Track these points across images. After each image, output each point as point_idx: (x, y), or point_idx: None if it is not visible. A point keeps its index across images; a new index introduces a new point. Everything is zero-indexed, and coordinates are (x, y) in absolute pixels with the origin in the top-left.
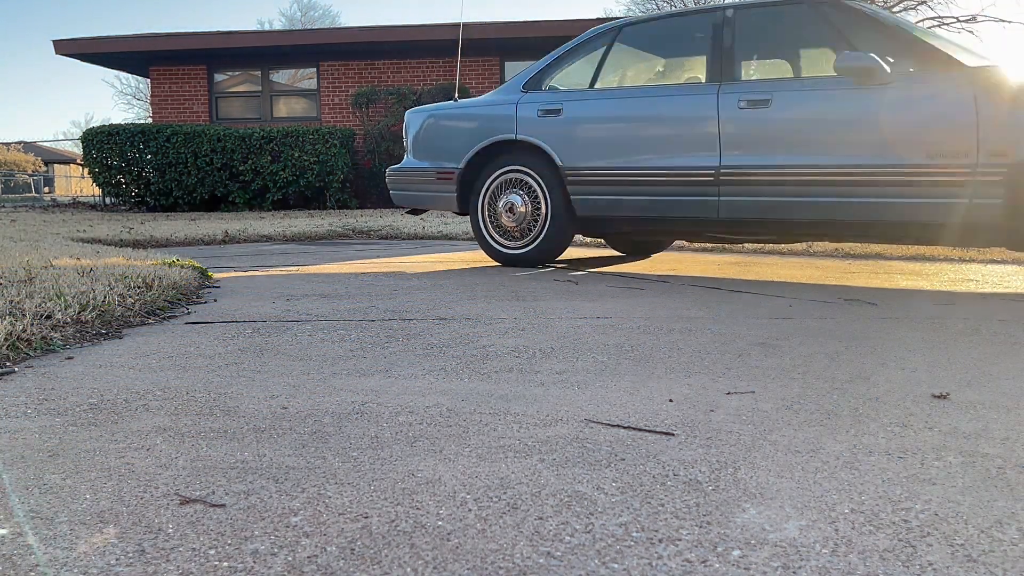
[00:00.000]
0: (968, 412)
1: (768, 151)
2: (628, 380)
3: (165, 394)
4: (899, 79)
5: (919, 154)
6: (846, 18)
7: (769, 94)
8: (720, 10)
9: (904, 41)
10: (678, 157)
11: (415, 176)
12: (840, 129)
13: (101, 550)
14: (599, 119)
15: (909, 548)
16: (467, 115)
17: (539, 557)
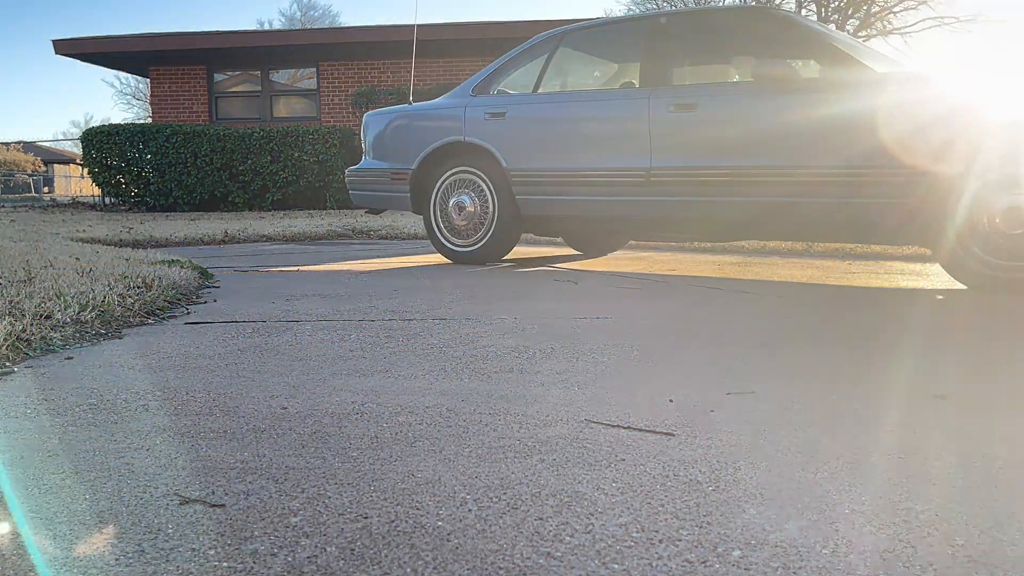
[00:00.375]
0: (968, 412)
1: (694, 153)
2: (628, 380)
3: (165, 394)
4: (815, 85)
5: (831, 156)
6: (771, 26)
7: (695, 99)
8: (655, 17)
9: (822, 49)
10: (613, 159)
11: (371, 177)
12: (760, 132)
13: (101, 550)
14: (541, 122)
15: (909, 548)
16: (419, 118)
17: (539, 557)
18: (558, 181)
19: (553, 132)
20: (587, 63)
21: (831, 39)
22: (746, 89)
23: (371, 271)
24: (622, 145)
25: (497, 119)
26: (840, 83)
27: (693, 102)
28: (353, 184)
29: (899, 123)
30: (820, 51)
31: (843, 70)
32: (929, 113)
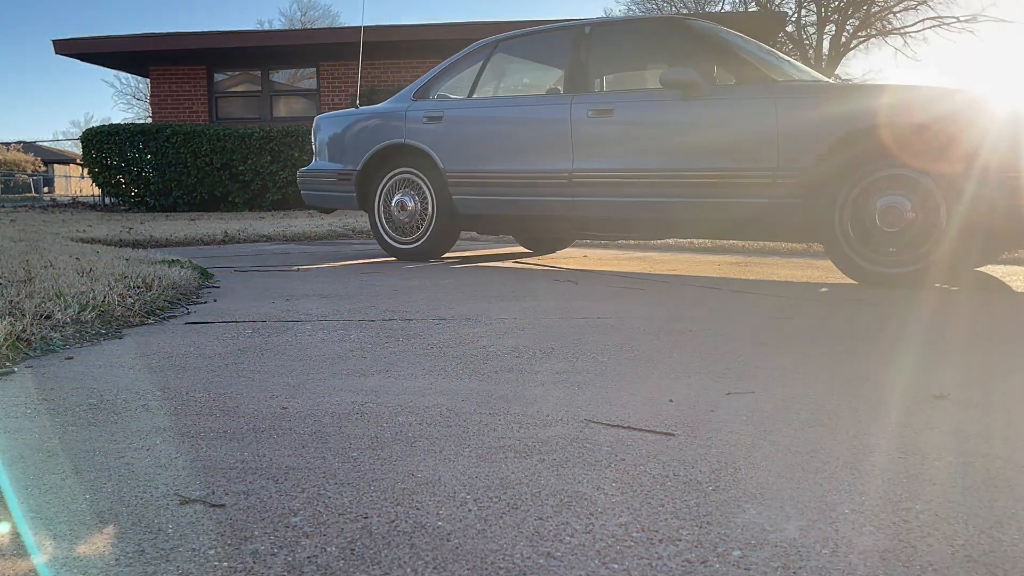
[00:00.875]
0: (968, 412)
1: (611, 156)
2: (628, 380)
3: (165, 394)
4: (718, 92)
5: (731, 159)
6: (685, 37)
7: (612, 105)
8: (579, 27)
9: (729, 57)
10: (540, 161)
11: (320, 177)
12: (670, 136)
13: (101, 550)
14: (474, 126)
15: (909, 548)
16: (364, 121)
17: (539, 557)
18: (490, 182)
19: (485, 135)
20: (520, 70)
21: (737, 49)
22: (657, 96)
23: (371, 271)
24: (547, 148)
25: (435, 122)
26: (739, 91)
27: (610, 108)
28: (304, 184)
29: (789, 128)
30: (726, 60)
31: (745, 78)
32: (814, 119)
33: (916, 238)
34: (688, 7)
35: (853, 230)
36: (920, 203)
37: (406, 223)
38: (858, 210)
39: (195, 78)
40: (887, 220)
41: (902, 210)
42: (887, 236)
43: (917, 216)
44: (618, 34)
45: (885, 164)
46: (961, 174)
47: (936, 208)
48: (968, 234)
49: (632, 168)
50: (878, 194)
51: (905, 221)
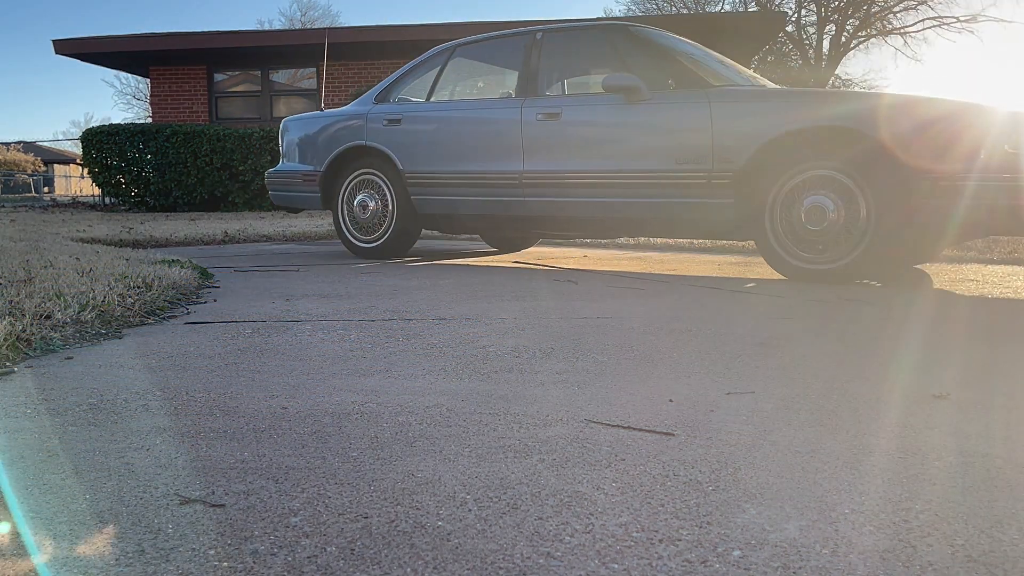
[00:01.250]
0: (968, 412)
1: (558, 158)
2: (628, 380)
3: (165, 394)
4: (657, 96)
5: (671, 160)
6: (628, 42)
7: (559, 108)
8: (531, 33)
9: (668, 63)
10: (493, 163)
11: (286, 178)
12: (613, 139)
13: (101, 550)
14: (431, 128)
15: (909, 548)
16: (328, 124)
17: (539, 557)
18: (447, 183)
19: (441, 137)
20: (476, 74)
21: (677, 54)
22: (600, 100)
23: (371, 271)
24: (500, 150)
25: (394, 125)
26: (677, 95)
27: (557, 111)
28: (271, 185)
29: (723, 131)
30: (666, 65)
31: (683, 83)
32: (746, 123)
33: (839, 236)
34: (688, 7)
35: (782, 228)
36: (843, 202)
37: (368, 222)
38: (786, 209)
39: (195, 78)
40: (812, 219)
41: (826, 209)
42: (813, 234)
43: (840, 215)
44: (567, 40)
45: (810, 165)
46: (879, 175)
47: (857, 207)
48: (887, 232)
49: (578, 170)
50: (804, 194)
51: (829, 220)
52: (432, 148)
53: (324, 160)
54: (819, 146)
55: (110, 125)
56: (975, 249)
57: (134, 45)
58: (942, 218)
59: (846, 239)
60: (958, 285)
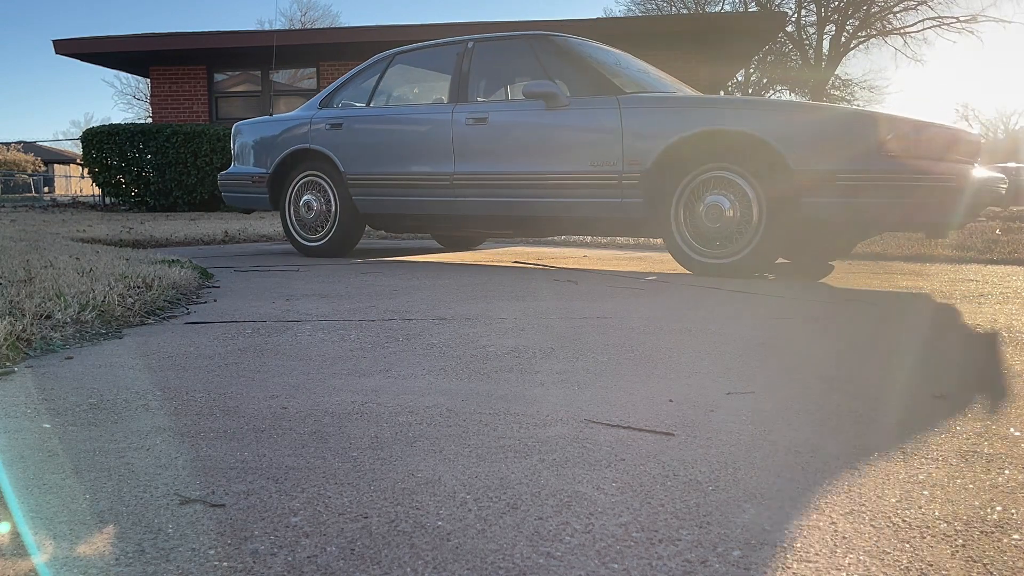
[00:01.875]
0: (968, 412)
1: (486, 160)
2: (628, 380)
3: (165, 394)
4: (574, 102)
5: (586, 162)
6: (549, 51)
7: (486, 113)
8: (463, 42)
9: (585, 71)
10: (426, 165)
11: (238, 180)
12: (535, 142)
13: (101, 550)
14: (370, 132)
15: (909, 548)
16: (275, 128)
17: (539, 557)
18: (385, 184)
19: (379, 141)
20: (413, 80)
21: (593, 62)
22: (523, 105)
23: (371, 271)
24: (433, 153)
25: (336, 129)
26: (592, 101)
27: (485, 116)
28: (224, 187)
29: (632, 135)
30: (583, 73)
31: (598, 90)
32: (652, 127)
33: (735, 232)
34: (688, 7)
35: (686, 226)
36: (738, 202)
37: (313, 222)
38: (689, 208)
39: (195, 78)
40: (711, 217)
41: (723, 208)
42: (712, 231)
43: (735, 213)
44: (495, 49)
45: (710, 167)
46: (768, 176)
47: (750, 206)
48: (777, 229)
49: (503, 171)
50: (705, 194)
51: (726, 218)
52: (371, 151)
53: (272, 162)
54: (716, 149)
55: (110, 125)
56: (975, 249)
57: (134, 45)
58: (827, 216)
59: (741, 235)
60: (957, 285)
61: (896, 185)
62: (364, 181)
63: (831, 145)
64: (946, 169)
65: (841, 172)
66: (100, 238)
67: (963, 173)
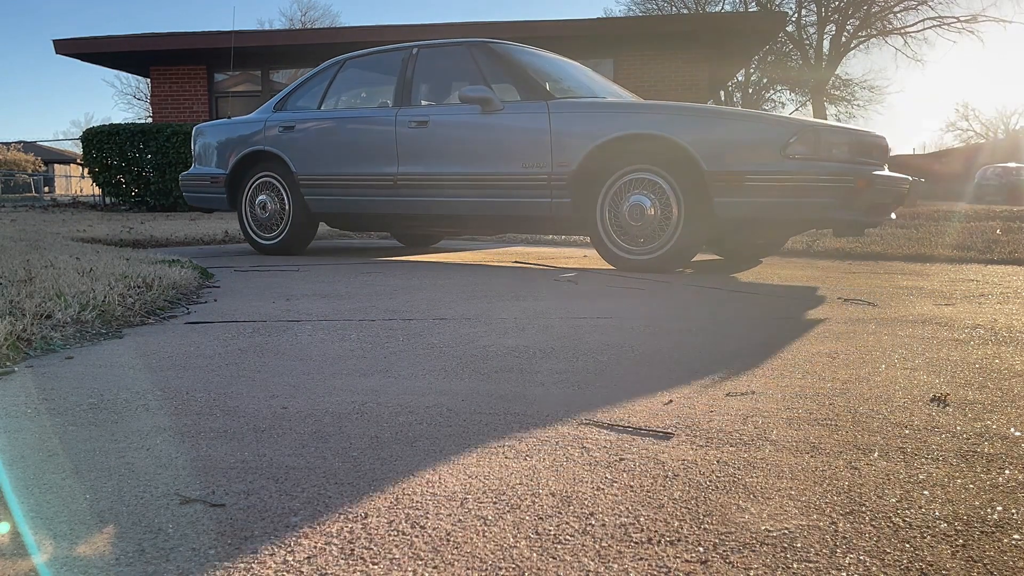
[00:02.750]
0: (968, 412)
1: (427, 162)
2: (628, 380)
3: (165, 394)
4: (508, 106)
5: (519, 164)
6: (487, 58)
7: (427, 117)
8: (408, 48)
9: (520, 76)
10: (372, 166)
11: (197, 181)
12: (472, 145)
13: (101, 550)
14: (320, 134)
15: (909, 548)
16: (232, 130)
17: (539, 557)
18: (334, 184)
19: (329, 143)
20: (362, 84)
21: (527, 68)
22: (461, 110)
23: (371, 271)
24: (378, 154)
25: (288, 131)
26: (524, 106)
27: (426, 120)
28: (185, 187)
29: (560, 138)
30: (517, 79)
31: (531, 95)
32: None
33: (656, 230)
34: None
35: (611, 224)
36: (658, 201)
37: (268, 221)
38: (614, 207)
39: (195, 78)
40: (634, 215)
41: (644, 207)
42: (635, 228)
43: (656, 212)
44: (438, 55)
45: (633, 168)
46: (684, 177)
47: (670, 205)
48: (693, 227)
49: (443, 172)
50: (628, 193)
51: (647, 216)
52: (321, 152)
53: (229, 164)
54: (637, 152)
55: (110, 125)
56: (975, 249)
57: (134, 45)
58: (737, 214)
59: (662, 233)
60: (958, 285)
61: (799, 185)
62: (314, 182)
63: (740, 148)
64: (848, 170)
65: (749, 174)
66: (100, 238)
67: (864, 174)
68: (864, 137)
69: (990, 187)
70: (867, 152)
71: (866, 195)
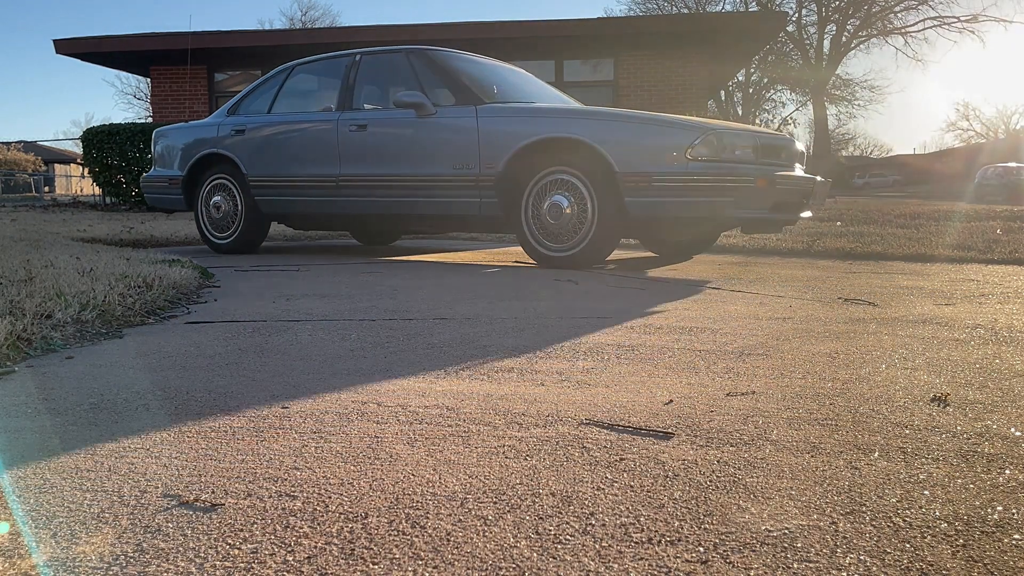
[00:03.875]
0: (968, 412)
1: (367, 163)
2: (628, 380)
3: (165, 394)
4: (440, 110)
5: (449, 165)
6: (424, 64)
7: (367, 120)
8: (352, 55)
9: (452, 82)
10: (316, 168)
11: (157, 182)
12: (408, 148)
13: (100, 550)
14: (268, 138)
15: (910, 548)
16: (189, 134)
17: (539, 557)
18: (282, 185)
19: (276, 146)
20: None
21: (460, 75)
22: (398, 114)
23: (372, 271)
24: (321, 157)
25: (239, 135)
26: (455, 111)
27: (365, 123)
28: (145, 189)
29: (487, 141)
30: (450, 84)
31: (462, 100)
32: (503, 134)
33: (574, 228)
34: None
35: (534, 222)
36: (576, 200)
37: (222, 221)
38: (536, 206)
39: (195, 78)
40: (554, 214)
41: (562, 206)
42: (555, 226)
43: (574, 211)
44: (379, 62)
45: (553, 170)
46: (598, 178)
47: (586, 205)
48: (606, 225)
49: (381, 174)
50: (549, 194)
51: (565, 215)
52: (269, 155)
53: (185, 166)
54: (556, 154)
55: (110, 125)
56: (976, 249)
57: (134, 45)
58: (647, 213)
59: (579, 230)
60: (958, 285)
61: (701, 185)
62: (264, 183)
63: (648, 151)
64: (748, 171)
65: (656, 174)
66: (100, 238)
67: (765, 174)
68: (771, 140)
69: (991, 187)
70: (774, 154)
71: (768, 194)
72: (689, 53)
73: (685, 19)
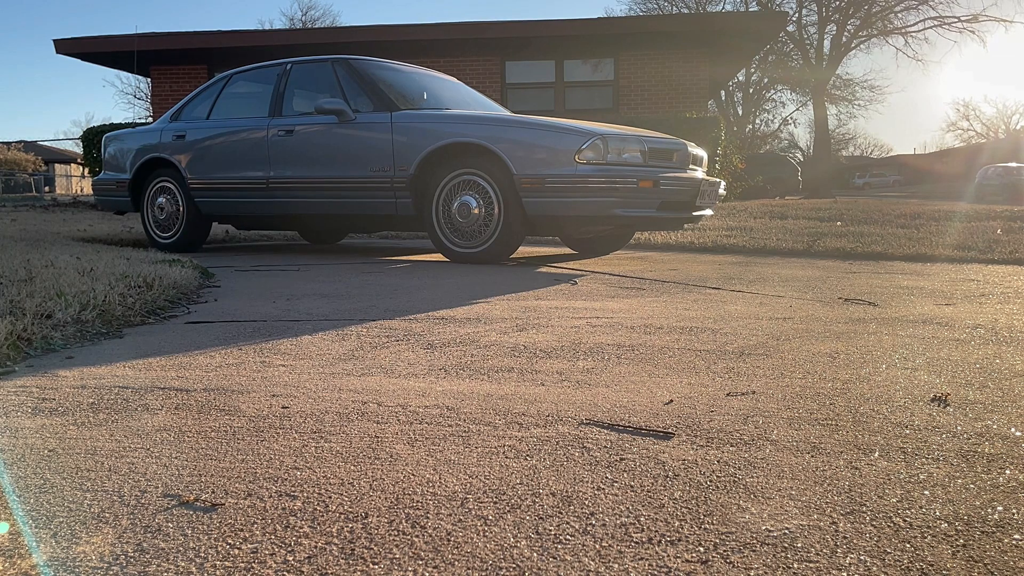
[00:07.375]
0: (969, 412)
1: (293, 167)
2: (628, 380)
3: (165, 394)
4: (359, 116)
5: (367, 168)
6: (347, 73)
7: (294, 126)
8: (283, 64)
9: (371, 90)
10: (248, 170)
11: (106, 185)
12: (330, 151)
13: (100, 550)
14: (205, 142)
15: (910, 548)
16: (135, 139)
17: (539, 557)
18: (219, 188)
19: (212, 150)
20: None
21: (379, 82)
22: (322, 120)
23: (372, 271)
24: (253, 160)
25: (181, 139)
26: (372, 116)
27: (292, 129)
28: (96, 191)
29: (400, 145)
30: (370, 92)
31: (379, 106)
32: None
33: (481, 227)
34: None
35: (444, 221)
36: (483, 201)
37: (166, 222)
38: (447, 206)
39: (195, 78)
40: (463, 213)
41: (471, 206)
42: (464, 225)
43: (481, 210)
44: (307, 70)
45: (461, 172)
46: (501, 180)
47: (493, 204)
48: (510, 224)
49: (307, 176)
50: (458, 194)
51: (473, 214)
52: (208, 159)
53: (131, 169)
54: (464, 158)
55: (110, 125)
56: (976, 249)
57: (135, 45)
58: (543, 212)
59: (487, 228)
60: (958, 285)
61: (588, 186)
62: (203, 186)
63: (541, 154)
64: (631, 172)
65: (549, 177)
66: (101, 237)
67: (649, 175)
68: (661, 143)
69: (991, 187)
70: (665, 157)
71: (653, 194)
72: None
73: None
